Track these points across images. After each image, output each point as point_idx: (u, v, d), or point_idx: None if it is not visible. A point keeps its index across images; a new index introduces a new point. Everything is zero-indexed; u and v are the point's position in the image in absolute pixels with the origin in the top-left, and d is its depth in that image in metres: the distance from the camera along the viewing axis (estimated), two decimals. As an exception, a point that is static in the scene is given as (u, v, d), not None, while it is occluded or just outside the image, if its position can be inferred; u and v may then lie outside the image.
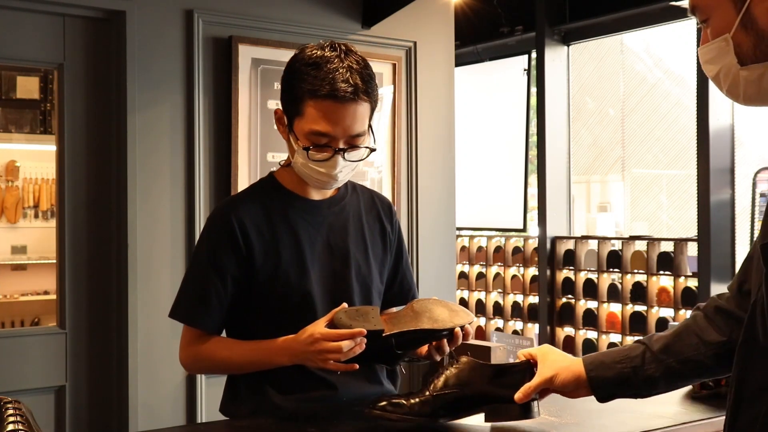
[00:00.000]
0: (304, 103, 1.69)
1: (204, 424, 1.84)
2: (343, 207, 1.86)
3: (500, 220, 6.14)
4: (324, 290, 1.79)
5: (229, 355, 1.76)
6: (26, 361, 3.09)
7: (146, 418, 3.18)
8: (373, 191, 1.99)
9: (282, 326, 1.73)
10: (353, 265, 1.83)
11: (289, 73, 1.74)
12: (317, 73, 1.67)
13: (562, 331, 5.48)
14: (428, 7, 3.94)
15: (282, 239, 1.77)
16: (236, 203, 1.82)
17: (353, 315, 1.62)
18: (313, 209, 1.82)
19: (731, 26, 1.08)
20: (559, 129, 5.58)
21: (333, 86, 1.65)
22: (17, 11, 3.07)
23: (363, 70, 1.70)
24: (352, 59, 1.70)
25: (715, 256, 4.55)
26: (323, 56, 1.69)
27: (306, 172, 1.74)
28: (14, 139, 4.91)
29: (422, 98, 3.92)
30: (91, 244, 3.20)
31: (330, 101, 1.66)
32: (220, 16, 3.39)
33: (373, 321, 1.62)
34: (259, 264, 1.75)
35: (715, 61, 1.11)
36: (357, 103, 1.68)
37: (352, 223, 1.86)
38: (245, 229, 1.75)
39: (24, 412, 1.35)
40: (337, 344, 1.57)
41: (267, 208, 1.79)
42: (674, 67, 5.49)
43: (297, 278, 1.77)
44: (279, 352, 1.69)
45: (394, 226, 1.95)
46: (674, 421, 1.61)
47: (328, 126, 1.67)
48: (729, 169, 4.62)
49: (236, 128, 3.40)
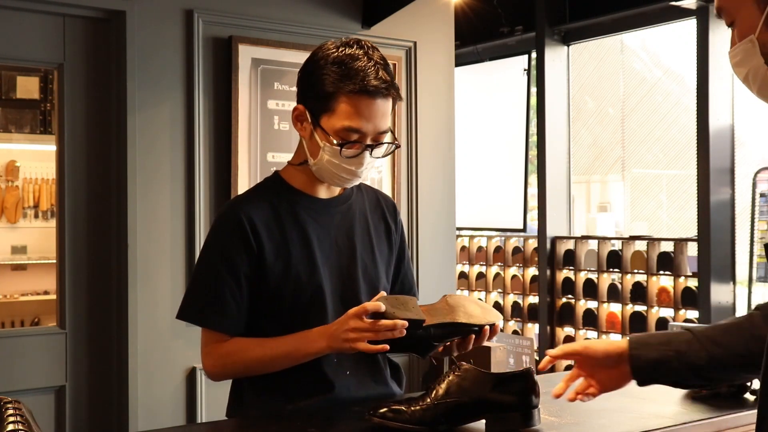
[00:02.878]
0: (336, 99, 1.69)
1: (204, 424, 1.83)
2: (350, 206, 1.87)
3: (500, 220, 6.14)
4: (333, 288, 1.79)
5: (263, 352, 1.73)
6: (26, 361, 3.09)
7: (146, 418, 3.18)
8: (378, 191, 2.00)
9: (293, 325, 1.73)
10: (360, 264, 1.83)
11: (315, 69, 1.73)
12: (348, 69, 1.69)
13: (562, 331, 5.48)
14: (428, 7, 3.94)
15: (291, 238, 1.77)
16: (245, 202, 1.80)
17: (394, 303, 1.65)
18: (321, 207, 1.82)
19: (755, 27, 1.07)
20: (559, 129, 5.58)
21: (366, 82, 1.68)
22: (17, 11, 3.07)
23: (387, 67, 1.74)
24: (377, 56, 1.74)
25: (715, 256, 4.55)
26: (353, 54, 1.71)
27: (331, 170, 1.74)
28: (14, 139, 4.91)
29: (422, 98, 3.92)
30: (91, 244, 3.20)
31: (365, 96, 1.68)
32: (220, 15, 3.39)
33: (414, 310, 1.65)
34: (270, 263, 1.74)
35: (744, 63, 1.11)
36: (387, 98, 1.71)
37: (359, 222, 1.87)
38: (255, 228, 1.74)
39: (24, 412, 1.35)
40: (372, 322, 1.59)
41: (275, 206, 1.79)
42: (674, 66, 5.49)
43: (308, 276, 1.76)
44: (316, 337, 1.68)
45: (398, 226, 1.96)
46: (674, 421, 1.61)
47: (360, 122, 1.69)
48: (729, 169, 4.62)
49: (236, 128, 3.40)
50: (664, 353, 1.45)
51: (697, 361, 1.43)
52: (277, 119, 3.52)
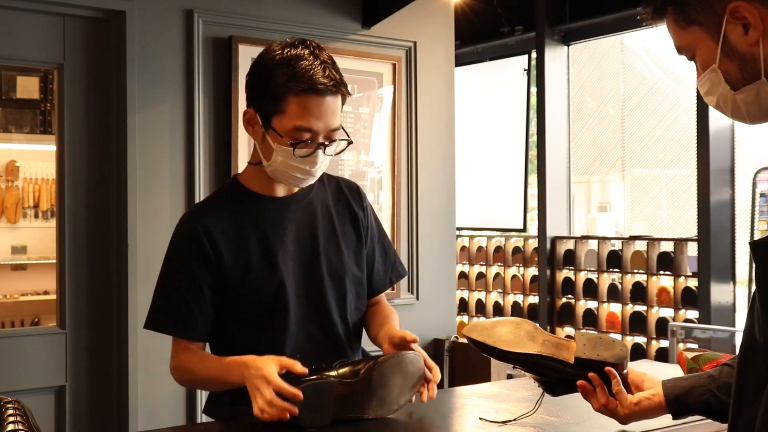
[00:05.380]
0: (286, 100, 1.70)
1: (204, 424, 1.83)
2: (310, 201, 1.86)
3: (500, 220, 6.14)
4: (297, 286, 1.80)
5: (202, 373, 1.76)
6: (26, 361, 3.09)
7: (146, 418, 3.18)
8: (341, 178, 1.99)
9: (257, 327, 1.77)
10: (324, 258, 1.83)
11: (262, 72, 1.74)
12: (296, 69, 1.69)
13: (562, 331, 5.48)
14: (428, 7, 3.95)
15: (250, 241, 1.78)
16: (202, 212, 1.83)
17: (595, 341, 1.59)
18: (280, 207, 1.83)
19: (715, 57, 1.13)
20: (559, 129, 5.58)
21: (314, 81, 1.68)
22: (17, 11, 3.07)
23: (335, 65, 1.74)
24: (324, 55, 1.73)
25: (715, 256, 4.55)
26: (299, 54, 1.71)
27: (285, 171, 1.74)
28: (14, 139, 4.91)
29: (422, 98, 3.92)
30: (91, 244, 3.20)
31: (312, 95, 1.68)
32: (220, 16, 3.39)
33: (622, 351, 1.59)
34: (230, 268, 1.76)
35: (712, 91, 1.17)
36: (336, 96, 1.71)
37: (321, 216, 1.87)
38: (212, 237, 1.76)
39: (24, 412, 1.35)
40: (270, 395, 1.53)
41: (233, 212, 1.80)
42: (674, 66, 5.49)
43: (267, 276, 1.77)
44: (237, 370, 1.64)
45: (365, 211, 1.94)
46: (674, 421, 1.61)
47: (311, 120, 1.69)
48: (729, 169, 4.62)
49: (236, 128, 3.40)
50: (696, 380, 1.49)
51: (730, 380, 1.44)
52: (277, 119, 3.52)
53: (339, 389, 1.60)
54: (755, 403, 1.07)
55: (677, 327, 4.41)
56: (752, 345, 1.10)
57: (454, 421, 1.75)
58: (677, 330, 4.39)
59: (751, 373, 1.09)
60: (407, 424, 1.66)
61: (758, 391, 1.07)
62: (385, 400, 1.64)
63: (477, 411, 1.71)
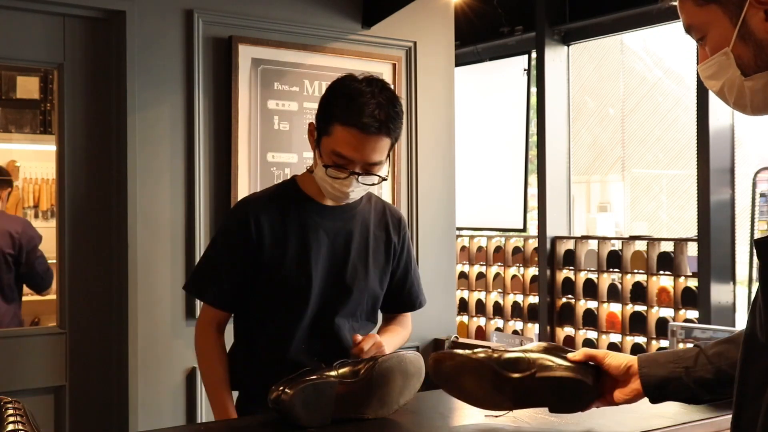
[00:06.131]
0: (333, 126, 1.88)
1: (204, 424, 1.84)
2: (353, 215, 2.06)
3: (500, 220, 6.14)
4: (319, 286, 1.99)
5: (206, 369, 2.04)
6: (26, 361, 3.09)
7: (146, 418, 3.18)
8: (388, 204, 2.20)
9: (277, 312, 2.00)
10: (350, 268, 2.03)
11: (327, 96, 1.93)
12: (350, 103, 1.86)
13: (562, 331, 5.48)
14: (428, 7, 3.94)
15: (291, 235, 1.99)
16: (257, 202, 2.05)
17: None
18: (326, 213, 2.02)
19: (729, 40, 1.10)
20: (559, 129, 5.58)
21: (361, 118, 1.84)
22: (17, 11, 3.07)
23: (391, 108, 1.88)
24: (383, 96, 1.88)
25: (715, 256, 4.55)
26: (358, 89, 1.88)
27: (322, 185, 1.96)
28: (14, 139, 4.91)
29: (422, 98, 3.92)
30: (91, 244, 3.20)
31: (356, 130, 1.85)
32: (220, 16, 3.39)
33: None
34: (267, 252, 1.97)
35: (718, 75, 1.13)
36: (379, 137, 1.87)
37: (358, 231, 2.05)
38: (259, 224, 1.98)
39: (24, 412, 1.35)
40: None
41: (282, 208, 2.01)
42: (674, 66, 5.49)
43: (298, 270, 1.97)
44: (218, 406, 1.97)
45: (401, 239, 2.14)
46: (674, 421, 1.61)
47: (350, 151, 1.87)
48: (729, 169, 4.62)
49: (236, 128, 3.40)
50: (672, 370, 1.48)
51: (705, 374, 1.46)
52: (277, 119, 3.52)
53: (339, 389, 1.61)
54: (757, 403, 1.07)
55: (677, 327, 4.41)
56: (754, 344, 1.10)
57: (454, 421, 1.75)
58: (677, 330, 4.39)
59: (752, 372, 1.09)
60: (407, 424, 1.66)
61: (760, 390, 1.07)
62: (385, 400, 1.66)
63: (476, 411, 1.71)
